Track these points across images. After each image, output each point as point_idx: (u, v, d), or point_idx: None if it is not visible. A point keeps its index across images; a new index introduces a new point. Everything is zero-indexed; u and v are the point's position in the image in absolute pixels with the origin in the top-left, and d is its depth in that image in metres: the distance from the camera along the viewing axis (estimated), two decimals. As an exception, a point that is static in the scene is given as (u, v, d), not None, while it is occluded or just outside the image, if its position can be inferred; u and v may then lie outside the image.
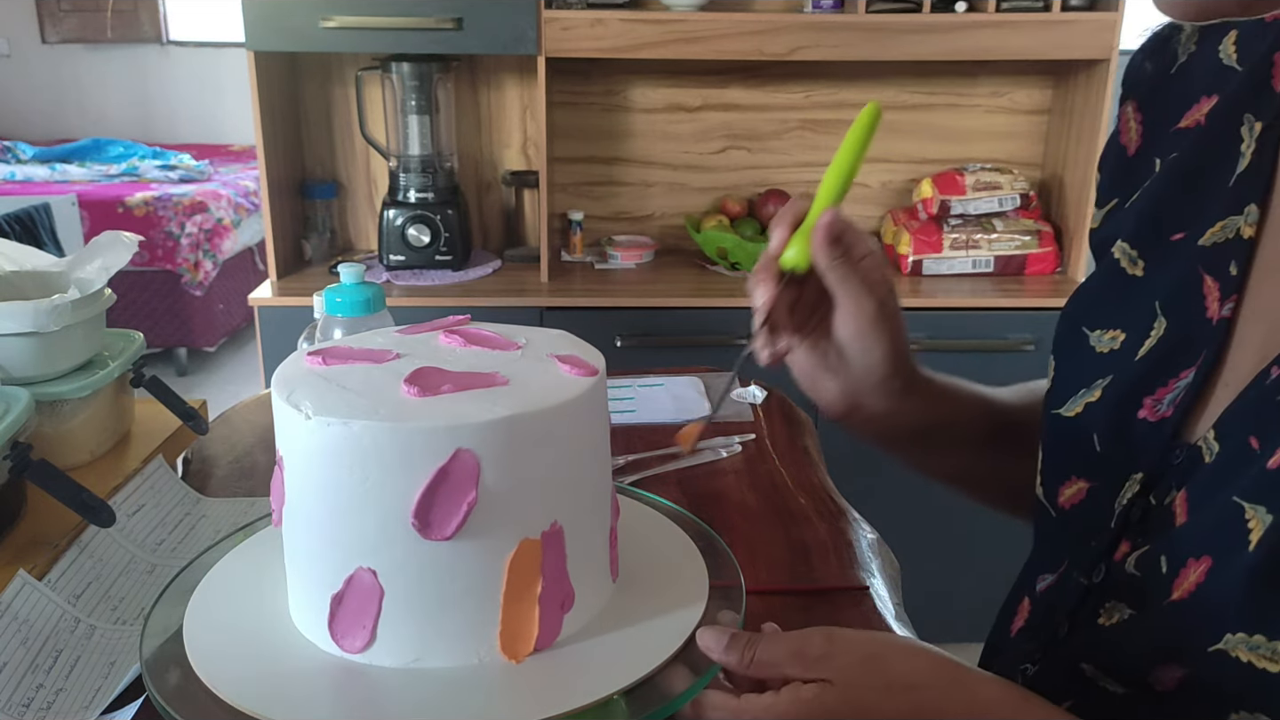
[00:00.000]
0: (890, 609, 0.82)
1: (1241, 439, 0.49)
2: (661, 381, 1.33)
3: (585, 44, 1.92)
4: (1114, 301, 0.61)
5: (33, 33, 5.07)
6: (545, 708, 0.53)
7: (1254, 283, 0.54)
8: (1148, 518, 0.55)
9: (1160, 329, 0.57)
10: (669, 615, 0.61)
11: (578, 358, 0.61)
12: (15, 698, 0.66)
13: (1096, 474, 0.60)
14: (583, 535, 0.59)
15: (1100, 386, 0.60)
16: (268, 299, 1.97)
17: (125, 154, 4.33)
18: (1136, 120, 0.66)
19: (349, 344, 0.65)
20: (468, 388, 0.57)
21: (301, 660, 0.58)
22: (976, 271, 2.07)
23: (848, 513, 0.98)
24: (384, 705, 0.55)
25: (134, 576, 0.83)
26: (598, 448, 0.61)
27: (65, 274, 0.99)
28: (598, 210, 2.30)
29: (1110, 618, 0.55)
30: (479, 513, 0.54)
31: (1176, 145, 0.62)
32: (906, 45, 1.93)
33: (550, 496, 0.57)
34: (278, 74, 2.07)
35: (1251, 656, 0.45)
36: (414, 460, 0.53)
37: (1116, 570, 0.56)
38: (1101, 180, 0.69)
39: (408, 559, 0.55)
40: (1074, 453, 0.61)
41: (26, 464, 0.80)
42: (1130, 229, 0.62)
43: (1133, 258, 0.61)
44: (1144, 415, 0.57)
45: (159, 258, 3.67)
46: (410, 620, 0.56)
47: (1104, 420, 0.59)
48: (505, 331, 0.67)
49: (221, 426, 1.17)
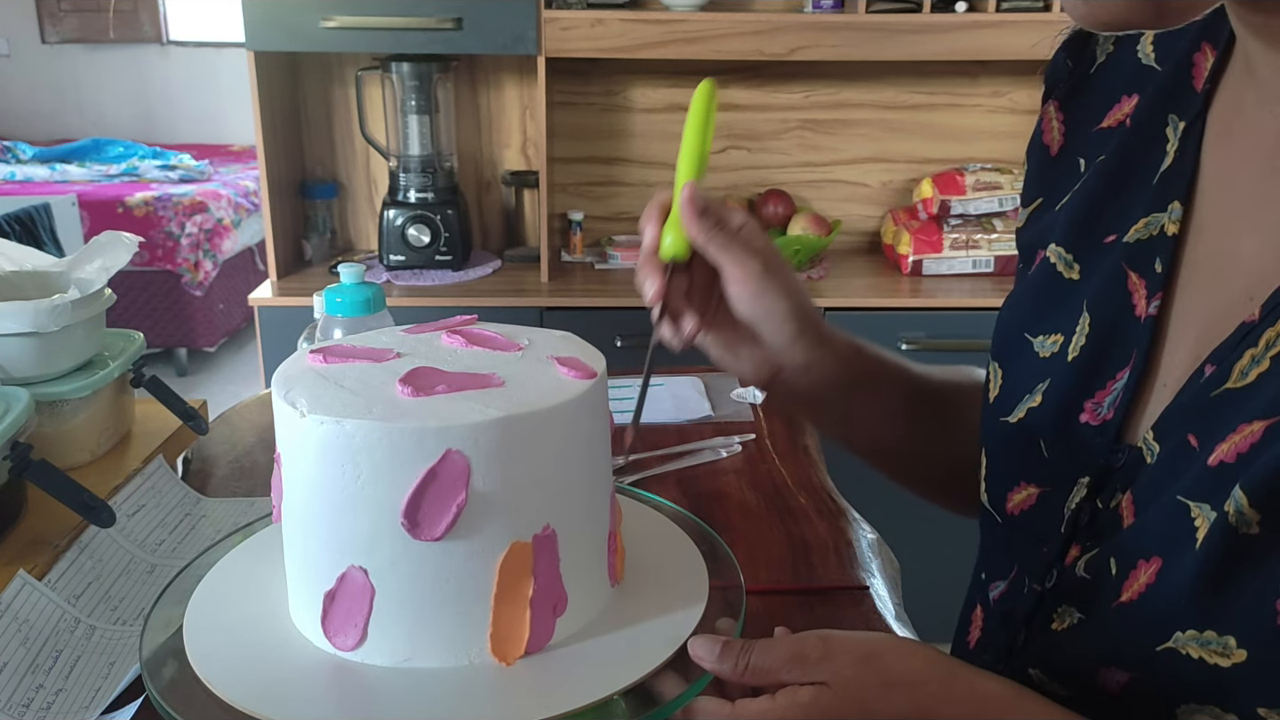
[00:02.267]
0: (890, 609, 0.82)
1: (1180, 438, 0.49)
2: (662, 381, 1.33)
3: (585, 44, 1.92)
4: (1052, 306, 0.61)
5: (33, 33, 5.07)
6: (543, 708, 0.53)
7: (1182, 281, 0.54)
8: (1095, 521, 0.55)
9: (1085, 326, 0.58)
10: (669, 616, 0.61)
11: (577, 360, 0.61)
12: (15, 698, 0.66)
13: (1045, 479, 0.59)
14: (577, 539, 0.59)
15: (1040, 391, 0.60)
16: (268, 299, 1.97)
17: (125, 154, 4.33)
18: (1059, 120, 0.66)
19: (353, 343, 0.65)
20: (462, 389, 0.57)
21: (301, 660, 0.58)
22: (976, 271, 2.08)
23: (848, 513, 0.98)
24: (384, 706, 0.55)
25: (134, 576, 0.83)
26: (594, 451, 0.60)
27: (65, 274, 0.99)
28: (598, 210, 2.30)
29: (1062, 622, 0.55)
30: (469, 514, 0.54)
31: (1100, 145, 0.62)
32: (906, 45, 1.93)
33: (543, 499, 0.57)
34: (278, 74, 2.07)
35: (1203, 653, 0.46)
36: (404, 460, 0.53)
37: (1068, 574, 0.55)
38: (1027, 181, 0.68)
39: (398, 559, 0.55)
40: (1021, 459, 0.61)
41: (26, 464, 0.80)
42: (1063, 232, 0.62)
43: (1068, 261, 0.61)
44: (1086, 419, 0.57)
45: (159, 258, 3.67)
46: (401, 620, 0.56)
47: (1049, 425, 0.59)
48: (509, 332, 0.67)
49: (221, 426, 1.17)
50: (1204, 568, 0.45)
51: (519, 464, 0.55)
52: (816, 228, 2.11)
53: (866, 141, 2.27)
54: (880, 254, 2.27)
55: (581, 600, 0.60)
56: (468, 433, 0.53)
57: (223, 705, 0.54)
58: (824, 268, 2.13)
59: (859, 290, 2.01)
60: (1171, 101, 0.57)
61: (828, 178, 2.29)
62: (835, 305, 1.94)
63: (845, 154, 2.28)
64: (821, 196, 2.30)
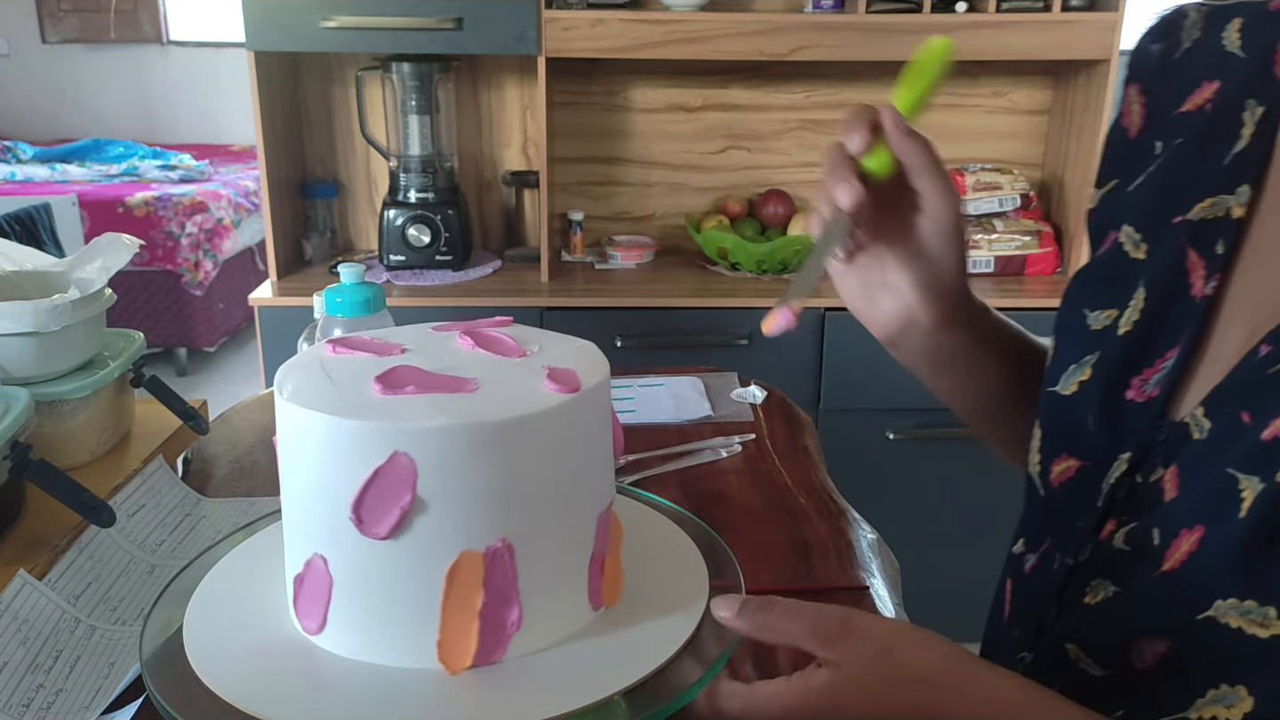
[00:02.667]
0: (890, 609, 0.82)
1: (1233, 414, 0.50)
2: (662, 381, 1.33)
3: (585, 44, 1.92)
4: (1113, 283, 0.62)
5: (33, 33, 5.07)
6: (544, 708, 0.53)
7: (1243, 263, 0.55)
8: (1134, 495, 0.56)
9: (1139, 302, 0.58)
10: (669, 616, 0.61)
11: (570, 373, 0.59)
12: (15, 698, 0.66)
13: (1087, 453, 0.60)
14: (543, 557, 0.58)
15: (1089, 364, 0.61)
16: (268, 299, 1.97)
17: (125, 154, 4.33)
18: (1140, 103, 0.66)
19: (375, 336, 0.67)
20: (431, 390, 0.57)
21: (301, 660, 0.58)
22: (976, 272, 2.07)
23: (848, 513, 0.98)
24: (384, 707, 0.55)
25: (134, 577, 0.83)
26: (569, 468, 0.58)
27: (65, 274, 0.99)
28: (598, 210, 2.30)
29: (1095, 595, 0.56)
30: (419, 518, 0.54)
31: (1178, 128, 0.62)
32: (906, 45, 1.93)
33: (498, 512, 0.55)
34: (278, 74, 2.07)
35: (1242, 622, 0.46)
36: (356, 456, 0.54)
37: (1104, 548, 0.56)
38: (1103, 162, 0.69)
39: (353, 553, 0.56)
40: (1067, 430, 0.62)
41: (26, 464, 0.80)
42: (1135, 213, 0.63)
43: (1136, 241, 0.62)
44: (1131, 396, 0.57)
45: (159, 258, 3.67)
46: (356, 612, 0.57)
47: (1097, 400, 0.59)
48: (523, 336, 0.66)
49: (221, 426, 1.17)
50: (1248, 536, 0.46)
51: (470, 473, 0.54)
52: (816, 228, 2.11)
53: (867, 141, 2.27)
54: (880, 254, 2.27)
55: (549, 620, 0.59)
56: (415, 436, 0.53)
57: (223, 705, 0.54)
58: (824, 268, 2.13)
59: (859, 290, 2.01)
60: (1251, 88, 0.58)
61: (828, 178, 2.29)
62: (835, 305, 1.94)
63: (845, 154, 2.28)
64: (821, 196, 2.30)
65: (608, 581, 0.63)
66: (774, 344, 1.95)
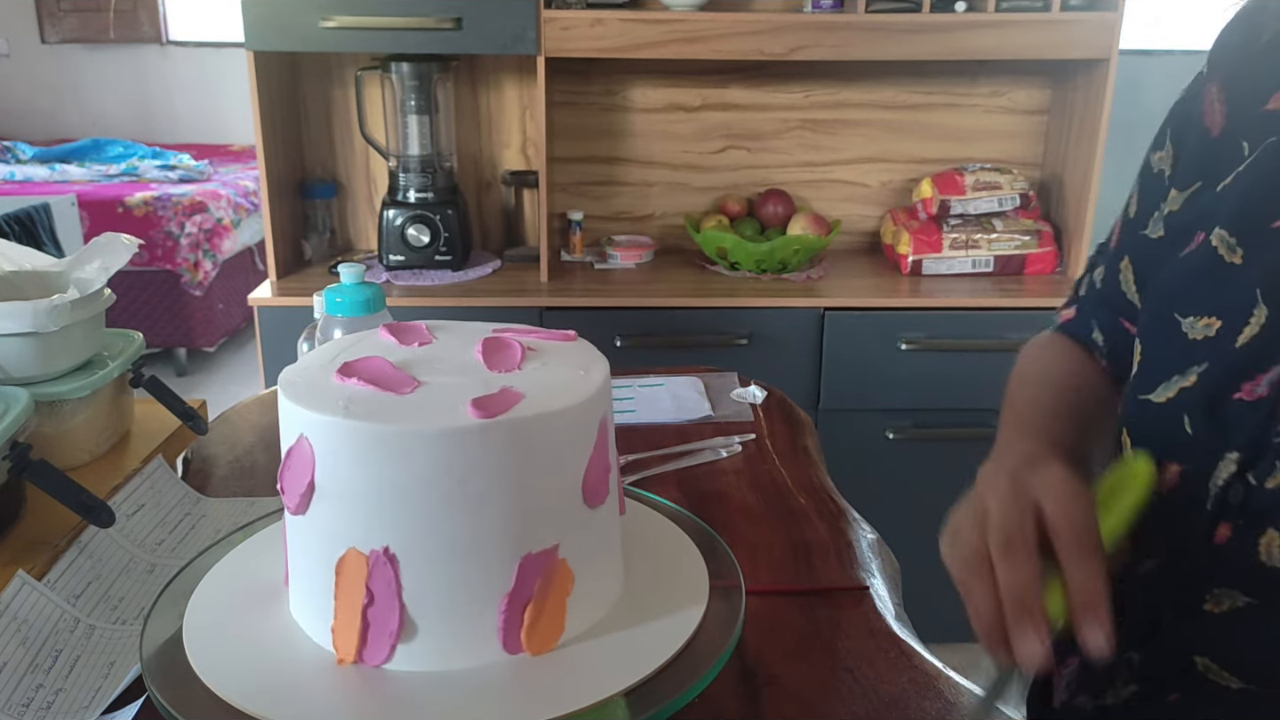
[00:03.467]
0: (890, 609, 0.82)
1: None
2: (661, 381, 1.33)
3: (585, 44, 1.92)
4: (1209, 289, 0.60)
5: (33, 33, 5.07)
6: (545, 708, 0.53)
7: None
8: (1250, 499, 0.54)
9: (1261, 317, 0.56)
10: (669, 616, 0.61)
11: (511, 392, 0.57)
12: (15, 698, 0.66)
13: (1187, 457, 0.58)
14: (435, 580, 0.56)
15: (1195, 373, 0.59)
16: (268, 299, 1.97)
17: (125, 154, 4.32)
18: (1220, 101, 0.64)
19: (438, 329, 0.69)
20: (374, 385, 0.59)
21: (301, 660, 0.58)
22: (976, 271, 2.07)
23: (848, 513, 0.98)
24: (383, 708, 0.55)
25: (134, 576, 0.83)
26: (466, 496, 0.55)
27: (65, 274, 0.99)
28: (598, 210, 2.30)
29: (1220, 605, 0.54)
30: (319, 503, 0.57)
31: (1266, 127, 0.60)
32: (906, 45, 1.93)
33: (386, 522, 0.56)
34: (278, 74, 2.07)
35: None
36: (286, 434, 0.59)
37: (1221, 554, 0.54)
38: (1179, 162, 0.67)
39: (287, 521, 0.61)
40: (1161, 436, 0.60)
41: (26, 464, 0.80)
42: (1228, 215, 0.61)
43: (1231, 245, 0.60)
44: (1240, 396, 0.56)
45: (159, 258, 3.67)
46: (295, 580, 0.62)
47: (1198, 404, 0.58)
48: (546, 351, 0.65)
49: (221, 426, 1.17)
50: None
51: (357, 474, 0.55)
52: (816, 227, 2.11)
53: (866, 141, 2.27)
54: (880, 254, 2.27)
55: (448, 648, 0.58)
56: (310, 423, 0.56)
57: (223, 705, 0.54)
58: (823, 268, 2.13)
59: (859, 290, 2.01)
60: None
61: (827, 177, 2.29)
62: (835, 305, 1.94)
63: (845, 154, 2.28)
64: (821, 196, 2.30)
65: (532, 629, 0.59)
66: (774, 344, 1.96)
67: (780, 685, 0.70)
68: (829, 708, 0.68)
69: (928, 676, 0.72)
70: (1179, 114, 0.69)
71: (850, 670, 0.72)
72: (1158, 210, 0.69)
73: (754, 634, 0.75)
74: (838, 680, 0.71)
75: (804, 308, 1.94)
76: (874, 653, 0.75)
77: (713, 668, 0.57)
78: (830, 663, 0.73)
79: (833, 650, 0.75)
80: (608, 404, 0.62)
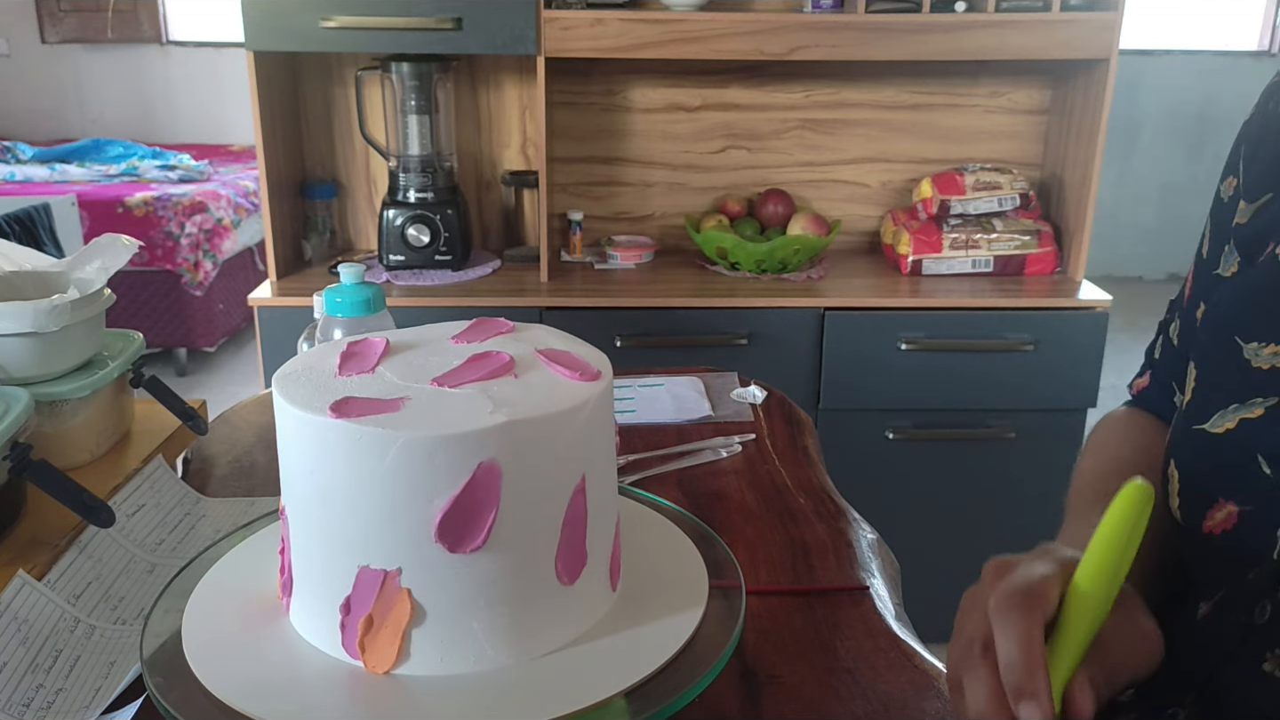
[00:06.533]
0: (890, 609, 0.82)
1: None
2: (661, 381, 1.33)
3: (585, 44, 1.92)
4: (1277, 310, 0.55)
5: (32, 33, 5.07)
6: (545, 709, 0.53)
7: None
8: None
9: None
10: (669, 616, 0.61)
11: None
12: (15, 698, 0.66)
13: (1249, 497, 0.53)
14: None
15: (1262, 405, 0.53)
16: (268, 299, 1.97)
17: (125, 154, 4.32)
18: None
19: (473, 330, 0.70)
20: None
21: (300, 661, 0.58)
22: (976, 271, 2.07)
23: (848, 513, 0.98)
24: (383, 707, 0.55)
25: (134, 576, 0.83)
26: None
27: (65, 274, 0.99)
28: (598, 210, 2.30)
29: (1279, 666, 0.49)
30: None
31: None
32: (906, 45, 1.93)
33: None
34: (278, 74, 2.07)
35: None
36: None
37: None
38: (1250, 176, 0.62)
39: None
40: (1221, 471, 0.55)
41: (26, 464, 0.80)
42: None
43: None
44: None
45: (159, 258, 3.67)
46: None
47: (1268, 440, 0.52)
48: (526, 361, 0.64)
49: (221, 426, 1.17)
50: None
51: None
52: (816, 227, 2.11)
53: (866, 141, 2.27)
54: (880, 254, 2.27)
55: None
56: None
57: (222, 706, 0.54)
58: (824, 267, 2.13)
59: (859, 290, 2.01)
60: None
61: (827, 177, 2.29)
62: (835, 305, 1.94)
63: (845, 154, 2.28)
64: (821, 196, 2.30)
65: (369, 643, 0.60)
66: (774, 344, 1.96)
67: (780, 685, 0.70)
68: (829, 708, 0.68)
69: (928, 676, 0.72)
70: (1247, 133, 0.64)
71: (850, 670, 0.72)
72: (1227, 243, 0.63)
73: (754, 634, 0.75)
74: (837, 680, 0.71)
75: (804, 308, 1.94)
76: (874, 653, 0.75)
77: (713, 668, 0.57)
78: (830, 663, 0.73)
79: (832, 650, 0.75)
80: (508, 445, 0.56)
